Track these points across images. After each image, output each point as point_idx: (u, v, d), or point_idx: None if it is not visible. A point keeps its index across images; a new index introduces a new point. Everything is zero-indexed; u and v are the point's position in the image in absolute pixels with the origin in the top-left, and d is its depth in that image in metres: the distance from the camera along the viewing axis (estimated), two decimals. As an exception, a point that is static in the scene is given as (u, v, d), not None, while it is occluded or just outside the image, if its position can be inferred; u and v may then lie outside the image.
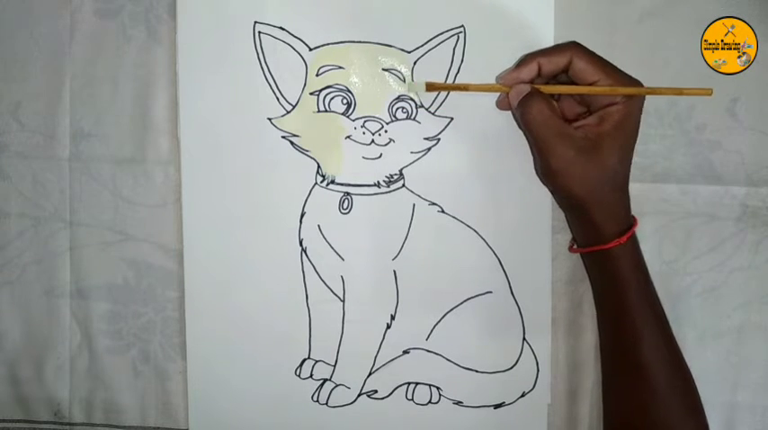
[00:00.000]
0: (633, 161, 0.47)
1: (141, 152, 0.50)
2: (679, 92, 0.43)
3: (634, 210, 0.47)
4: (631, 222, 0.44)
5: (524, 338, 0.49)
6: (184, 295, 0.50)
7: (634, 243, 0.44)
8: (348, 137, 0.48)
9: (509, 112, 0.47)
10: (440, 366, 0.50)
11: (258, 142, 0.49)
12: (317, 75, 0.48)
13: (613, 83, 0.42)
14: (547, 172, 0.43)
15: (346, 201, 0.49)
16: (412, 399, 0.50)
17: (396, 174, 0.49)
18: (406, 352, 0.50)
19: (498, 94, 0.46)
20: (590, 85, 0.42)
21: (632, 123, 0.43)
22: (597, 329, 0.47)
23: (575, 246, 0.47)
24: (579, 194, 0.43)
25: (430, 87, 0.46)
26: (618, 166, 0.43)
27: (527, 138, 0.45)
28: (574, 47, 0.43)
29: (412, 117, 0.48)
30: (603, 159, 0.42)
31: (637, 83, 0.43)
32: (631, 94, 0.42)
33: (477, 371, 0.50)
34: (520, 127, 0.45)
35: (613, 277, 0.44)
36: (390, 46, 0.48)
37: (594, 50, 0.47)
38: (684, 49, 0.47)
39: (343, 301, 0.50)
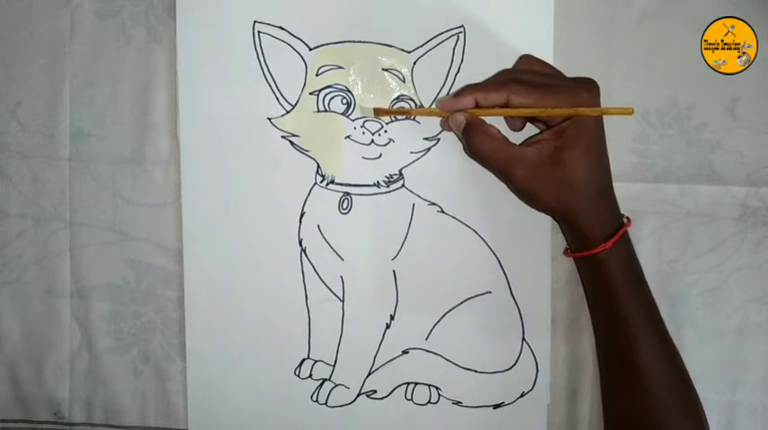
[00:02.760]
0: (634, 161, 0.48)
1: (141, 152, 0.50)
2: (603, 111, 0.42)
3: (634, 210, 0.47)
4: (620, 224, 0.44)
5: (524, 338, 0.49)
6: (184, 295, 0.50)
7: (624, 245, 0.44)
8: (348, 137, 0.48)
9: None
10: (439, 366, 0.50)
11: (258, 142, 0.49)
12: (317, 75, 0.48)
13: (558, 100, 0.41)
14: (515, 193, 0.44)
15: (346, 201, 0.49)
16: (411, 399, 0.50)
17: (395, 174, 0.49)
18: (405, 352, 0.50)
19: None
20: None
21: (590, 132, 0.42)
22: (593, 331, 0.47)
23: (569, 251, 0.47)
24: (553, 207, 0.44)
25: (377, 112, 0.46)
26: (588, 176, 0.42)
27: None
28: (509, 84, 0.42)
29: (412, 117, 0.48)
30: (567, 172, 0.42)
31: (586, 86, 0.42)
32: (557, 115, 0.41)
33: (476, 371, 0.49)
34: (470, 156, 0.45)
35: (604, 281, 0.44)
36: (390, 46, 0.48)
37: (595, 50, 0.47)
38: (684, 49, 0.47)
39: (343, 301, 0.50)
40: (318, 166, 0.49)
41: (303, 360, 0.50)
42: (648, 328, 0.43)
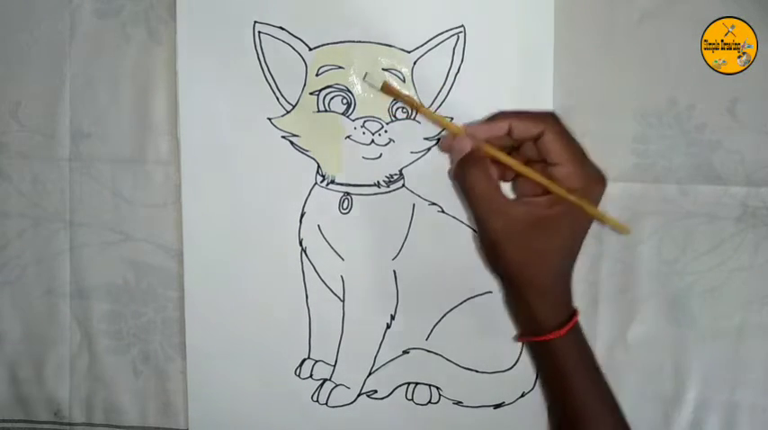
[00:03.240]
0: (633, 161, 0.48)
1: (141, 152, 0.50)
2: (602, 217, 0.41)
3: (634, 210, 0.47)
4: (572, 311, 0.43)
5: (524, 338, 0.49)
6: (184, 295, 0.50)
7: (576, 332, 0.43)
8: (348, 137, 0.48)
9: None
10: (440, 366, 0.50)
11: (258, 142, 0.49)
12: (317, 75, 0.48)
13: (575, 171, 0.39)
14: (482, 243, 0.42)
15: (346, 201, 0.49)
16: (412, 399, 0.50)
17: (396, 174, 0.49)
18: (405, 352, 0.50)
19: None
20: (553, 165, 0.40)
21: (583, 220, 0.41)
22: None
23: (520, 336, 0.46)
24: (513, 274, 0.41)
25: (385, 88, 0.44)
26: (562, 257, 0.41)
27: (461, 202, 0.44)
28: (551, 120, 0.40)
29: (412, 117, 0.48)
30: (545, 243, 0.40)
31: (600, 179, 0.40)
32: (565, 198, 0.39)
33: (476, 371, 0.50)
34: (452, 182, 0.44)
35: (555, 367, 0.43)
36: (390, 46, 0.48)
37: (595, 50, 0.47)
38: (684, 49, 0.47)
39: (343, 301, 0.50)
40: (318, 166, 0.49)
41: (304, 360, 0.50)
42: (602, 413, 0.42)
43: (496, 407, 0.50)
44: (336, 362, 0.50)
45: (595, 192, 0.41)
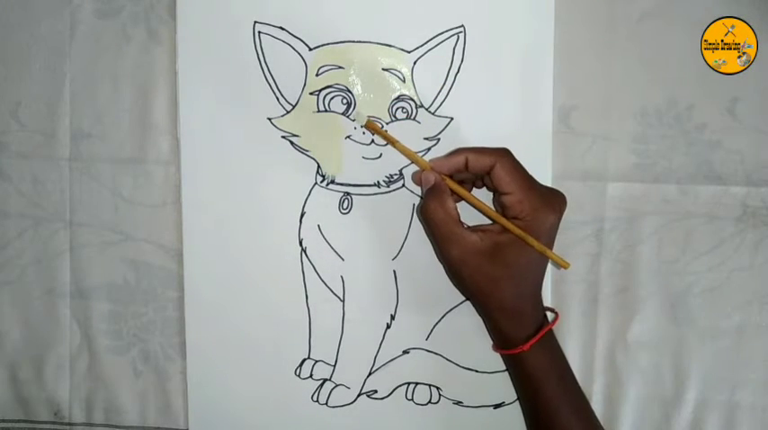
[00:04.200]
0: (633, 161, 0.48)
1: (141, 152, 0.50)
2: (544, 251, 0.42)
3: (634, 210, 0.47)
4: (541, 325, 0.44)
5: (524, 338, 0.49)
6: (184, 295, 0.50)
7: (546, 343, 0.44)
8: (348, 137, 0.48)
9: (508, 115, 0.47)
10: (440, 366, 0.50)
11: (258, 142, 0.49)
12: (317, 75, 0.48)
13: (523, 199, 0.42)
14: (445, 265, 0.45)
15: (346, 200, 0.49)
16: (412, 399, 0.50)
17: (396, 174, 0.49)
18: (405, 352, 0.50)
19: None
20: (504, 194, 0.42)
21: (539, 239, 0.42)
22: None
23: (494, 346, 0.47)
24: (474, 296, 0.44)
25: (369, 125, 0.46)
26: (518, 278, 0.43)
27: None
28: (502, 154, 0.43)
29: (412, 117, 0.48)
30: (499, 269, 0.42)
31: (551, 207, 0.42)
32: (509, 229, 0.42)
33: (476, 371, 0.50)
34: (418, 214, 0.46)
35: (524, 377, 0.45)
36: (390, 46, 0.48)
37: (595, 50, 0.47)
38: (684, 49, 0.47)
39: (343, 301, 0.50)
40: (318, 166, 0.49)
41: (304, 360, 0.50)
42: (575, 420, 0.44)
43: (496, 407, 0.50)
44: (336, 362, 0.50)
45: (544, 221, 0.42)
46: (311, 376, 0.50)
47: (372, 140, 0.48)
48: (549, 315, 0.46)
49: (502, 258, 0.42)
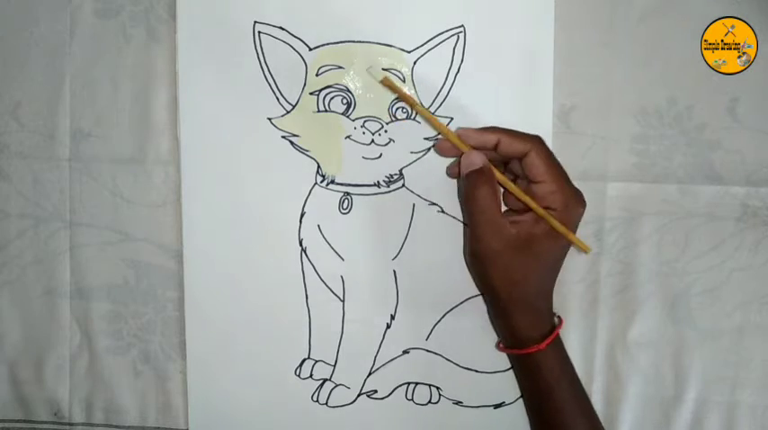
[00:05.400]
0: (633, 161, 0.48)
1: (141, 152, 0.50)
2: (566, 233, 0.42)
3: (634, 210, 0.47)
4: (554, 325, 0.45)
5: (524, 338, 0.49)
6: (184, 295, 0.50)
7: (557, 345, 0.44)
8: (348, 137, 0.48)
9: (508, 115, 0.47)
10: (440, 366, 0.50)
11: (258, 142, 0.49)
12: (317, 75, 0.48)
13: (556, 190, 0.42)
14: (472, 256, 0.44)
15: (346, 200, 0.49)
16: (412, 399, 0.50)
17: (396, 174, 0.49)
18: (405, 352, 0.50)
19: (450, 161, 0.47)
20: (536, 183, 0.42)
21: (563, 242, 0.43)
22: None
23: (501, 345, 0.47)
24: (499, 289, 0.43)
25: (386, 82, 0.45)
26: (545, 271, 0.43)
27: (462, 214, 0.46)
28: (536, 141, 0.42)
29: (412, 117, 0.48)
30: (531, 261, 0.42)
31: (579, 201, 0.42)
32: (547, 220, 0.42)
33: (476, 371, 0.50)
34: (459, 196, 0.46)
35: (536, 379, 0.44)
36: (390, 46, 0.48)
37: (595, 50, 0.47)
38: (684, 49, 0.47)
39: (343, 301, 0.50)
40: (319, 166, 0.49)
41: (304, 360, 0.50)
42: (582, 424, 0.44)
43: (496, 407, 0.50)
44: (336, 362, 0.50)
45: (574, 214, 0.43)
46: (311, 376, 0.50)
47: (372, 140, 0.48)
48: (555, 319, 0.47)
49: (535, 250, 0.42)
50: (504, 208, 0.45)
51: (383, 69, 0.47)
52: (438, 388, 0.50)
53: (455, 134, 0.44)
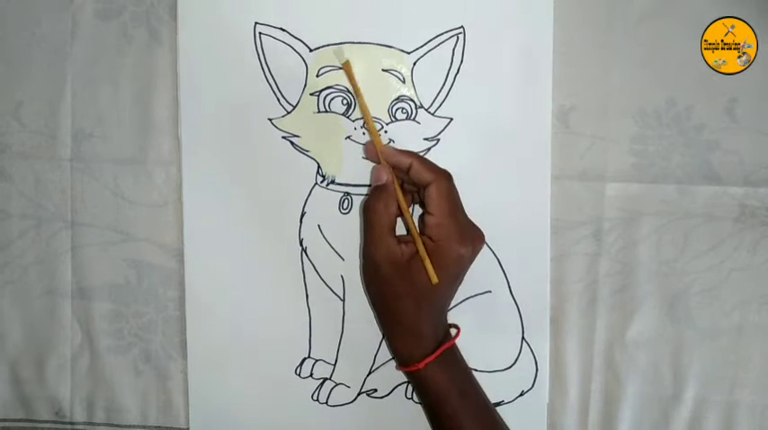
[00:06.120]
0: (632, 161, 0.48)
1: (142, 152, 0.50)
2: (424, 258, 0.43)
3: (633, 211, 0.48)
4: (441, 342, 0.44)
5: (523, 337, 0.49)
6: (185, 295, 0.51)
7: (445, 359, 0.44)
8: (348, 137, 0.48)
9: (507, 115, 0.47)
10: (439, 365, 0.50)
11: (259, 142, 0.49)
12: (318, 75, 0.48)
13: (444, 225, 0.42)
14: (362, 266, 0.46)
15: (346, 201, 0.49)
16: (411, 398, 0.50)
17: (395, 175, 0.49)
18: (405, 351, 0.50)
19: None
20: (429, 214, 0.43)
21: (445, 265, 0.43)
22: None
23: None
24: (375, 303, 0.46)
25: (345, 66, 0.46)
26: (420, 297, 0.43)
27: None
28: (442, 176, 0.43)
29: (412, 117, 0.48)
30: (405, 284, 0.43)
31: (466, 242, 0.43)
32: (416, 244, 0.43)
33: (476, 370, 0.50)
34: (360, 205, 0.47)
35: (423, 393, 0.45)
36: (390, 46, 0.48)
37: (594, 50, 0.48)
38: (684, 49, 0.47)
39: (344, 301, 0.50)
40: (319, 167, 0.49)
41: (304, 359, 0.51)
42: None
43: (496, 405, 0.50)
44: (336, 361, 0.50)
45: (454, 249, 0.43)
46: (311, 375, 0.51)
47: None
48: (452, 331, 0.47)
49: (410, 276, 0.43)
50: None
51: (383, 70, 0.48)
52: (438, 387, 0.50)
53: (381, 145, 0.45)
